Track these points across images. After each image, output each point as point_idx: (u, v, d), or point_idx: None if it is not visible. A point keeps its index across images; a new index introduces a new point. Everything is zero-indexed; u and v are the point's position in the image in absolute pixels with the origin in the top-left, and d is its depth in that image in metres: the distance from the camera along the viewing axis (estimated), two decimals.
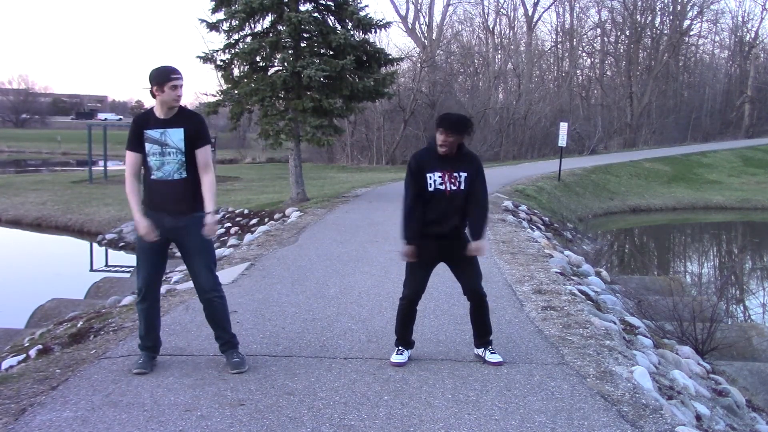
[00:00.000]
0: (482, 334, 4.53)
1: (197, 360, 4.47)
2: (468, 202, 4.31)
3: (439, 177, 4.24)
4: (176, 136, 4.14)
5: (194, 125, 4.20)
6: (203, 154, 4.21)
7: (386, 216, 11.95)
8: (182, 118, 4.20)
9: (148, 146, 4.17)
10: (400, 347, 4.51)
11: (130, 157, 4.25)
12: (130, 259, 14.59)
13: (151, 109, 4.25)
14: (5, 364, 5.53)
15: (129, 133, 4.27)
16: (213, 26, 14.99)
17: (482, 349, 4.52)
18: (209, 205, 4.18)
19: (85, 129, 28.33)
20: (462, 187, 4.27)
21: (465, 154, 4.33)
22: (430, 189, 4.24)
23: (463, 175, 4.27)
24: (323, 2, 15.29)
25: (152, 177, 4.19)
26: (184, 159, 4.15)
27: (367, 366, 4.39)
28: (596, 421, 3.62)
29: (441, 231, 4.30)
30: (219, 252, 9.00)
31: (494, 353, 4.49)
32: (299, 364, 4.40)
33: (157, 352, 4.39)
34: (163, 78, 4.09)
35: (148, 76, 4.16)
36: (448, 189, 4.25)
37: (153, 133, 4.16)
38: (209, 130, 4.35)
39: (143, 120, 4.24)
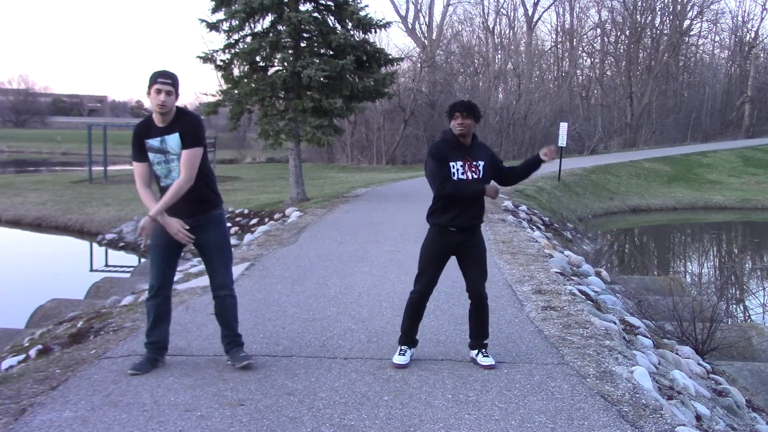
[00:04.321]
0: (478, 336, 4.49)
1: (197, 360, 4.47)
2: (505, 171, 4.47)
3: (461, 166, 4.26)
4: (174, 142, 4.09)
5: (187, 126, 4.10)
6: (186, 155, 4.06)
7: (386, 216, 11.95)
8: (178, 122, 4.11)
9: (151, 156, 4.12)
10: (403, 347, 4.47)
11: (138, 168, 4.19)
12: (130, 259, 14.59)
13: (151, 115, 4.17)
14: (5, 364, 5.54)
15: (131, 143, 4.18)
16: (213, 26, 15.01)
17: (475, 351, 4.48)
18: (157, 205, 4.01)
19: (85, 129, 28.34)
20: (481, 176, 4.29)
21: (479, 144, 4.41)
22: (453, 178, 4.24)
23: (481, 163, 4.32)
24: (323, 2, 15.31)
25: (161, 185, 4.17)
26: None
27: (367, 366, 4.39)
28: (596, 421, 3.62)
29: (462, 223, 4.29)
30: None
31: (486, 356, 4.44)
32: (299, 364, 4.40)
33: (160, 352, 4.34)
34: (151, 81, 4.04)
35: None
36: (470, 178, 4.26)
37: (153, 142, 4.11)
38: (204, 132, 4.22)
39: (143, 129, 4.16)
